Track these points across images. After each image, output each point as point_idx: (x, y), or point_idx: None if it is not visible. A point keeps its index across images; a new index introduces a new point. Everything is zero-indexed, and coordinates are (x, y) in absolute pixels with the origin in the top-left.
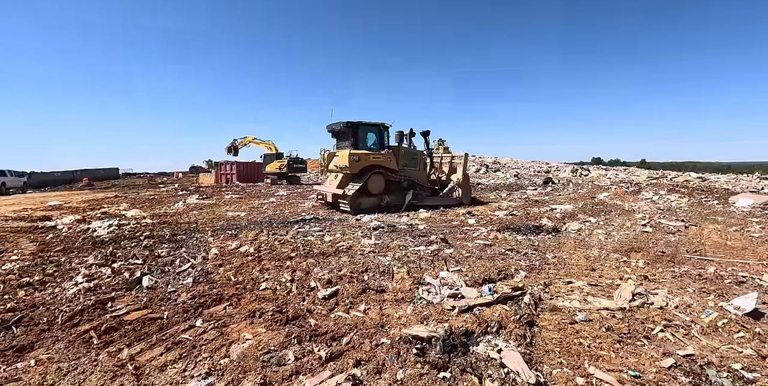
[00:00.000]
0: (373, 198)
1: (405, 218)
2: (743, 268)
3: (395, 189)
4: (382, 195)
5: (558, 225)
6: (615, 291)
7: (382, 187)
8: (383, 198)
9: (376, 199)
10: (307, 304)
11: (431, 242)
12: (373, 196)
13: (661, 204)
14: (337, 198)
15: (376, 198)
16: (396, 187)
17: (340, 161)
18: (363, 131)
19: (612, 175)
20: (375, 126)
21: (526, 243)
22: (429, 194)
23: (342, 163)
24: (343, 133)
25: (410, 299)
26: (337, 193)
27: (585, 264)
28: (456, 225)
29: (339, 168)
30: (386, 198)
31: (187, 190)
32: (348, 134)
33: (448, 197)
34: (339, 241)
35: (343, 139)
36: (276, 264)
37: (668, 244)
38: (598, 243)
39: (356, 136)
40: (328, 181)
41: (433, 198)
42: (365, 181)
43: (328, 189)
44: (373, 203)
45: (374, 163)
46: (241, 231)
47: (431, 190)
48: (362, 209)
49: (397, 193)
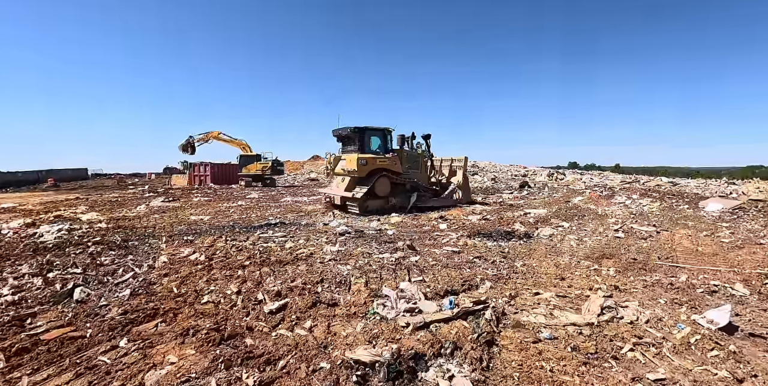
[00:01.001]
0: (380, 200)
1: (375, 222)
2: (715, 276)
3: (400, 191)
4: (388, 197)
5: (530, 231)
6: (584, 304)
7: (388, 190)
8: (389, 200)
9: (383, 201)
10: (249, 320)
11: (397, 249)
12: (380, 198)
13: (634, 209)
14: (345, 200)
15: (383, 200)
16: (401, 189)
17: (348, 165)
18: (369, 135)
19: (587, 179)
20: (380, 130)
21: (496, 250)
22: (431, 196)
23: (350, 167)
24: (349, 137)
25: (364, 314)
26: (345, 195)
27: (554, 273)
28: (427, 230)
29: (347, 171)
30: (392, 200)
31: (156, 191)
32: (354, 139)
33: (449, 198)
34: (300, 248)
35: (348, 144)
36: (227, 273)
37: (640, 250)
38: (570, 250)
39: (362, 141)
40: (334, 184)
41: (435, 200)
42: (373, 183)
43: (335, 192)
44: (380, 205)
45: (380, 167)
46: (199, 237)
47: (433, 191)
48: (370, 211)
49: (402, 195)
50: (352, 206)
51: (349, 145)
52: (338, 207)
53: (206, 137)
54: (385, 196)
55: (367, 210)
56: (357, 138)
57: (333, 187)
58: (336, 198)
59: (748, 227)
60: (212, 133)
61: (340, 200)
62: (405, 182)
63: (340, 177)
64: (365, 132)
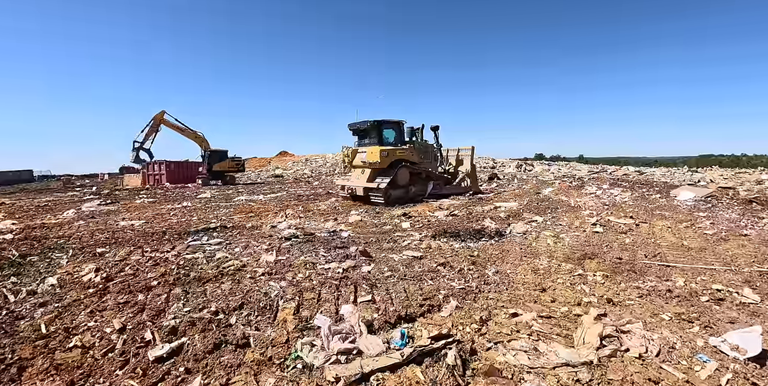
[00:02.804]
0: (401, 189)
1: (331, 223)
2: (712, 276)
3: (418, 180)
4: (408, 186)
5: (502, 228)
6: (576, 332)
7: (407, 179)
8: (410, 189)
9: (403, 190)
10: (122, 375)
11: (348, 256)
12: (401, 188)
13: (606, 199)
14: (368, 191)
15: (404, 189)
16: (418, 179)
17: (370, 157)
18: (385, 128)
19: (555, 169)
20: (395, 123)
21: (464, 253)
22: (444, 184)
23: (372, 159)
24: (365, 130)
25: (282, 359)
26: (369, 186)
27: (533, 282)
28: (387, 230)
29: (368, 163)
30: (412, 189)
31: (98, 193)
32: (372, 132)
33: (459, 186)
34: (231, 259)
35: (364, 137)
36: (123, 299)
37: (623, 247)
38: (547, 250)
39: (380, 133)
40: (354, 176)
41: (448, 188)
42: (395, 173)
43: (357, 183)
44: (401, 194)
45: (400, 158)
46: (116, 248)
47: (445, 180)
48: (393, 200)
49: (419, 184)
50: (376, 196)
51: (365, 138)
52: (358, 198)
53: (154, 126)
54: (405, 185)
55: (390, 199)
56: (375, 131)
57: (353, 179)
58: (358, 189)
59: (726, 216)
60: (156, 115)
61: (362, 191)
62: (421, 171)
63: (360, 169)
64: (382, 125)
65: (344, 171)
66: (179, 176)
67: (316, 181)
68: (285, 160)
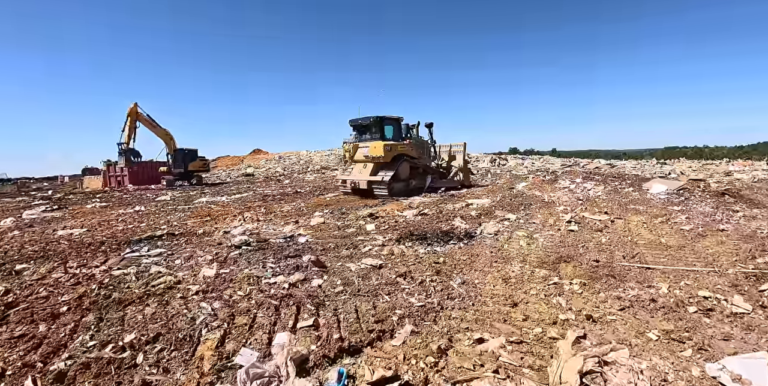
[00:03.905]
0: (403, 182)
1: (290, 226)
2: (696, 280)
3: (417, 174)
4: (409, 179)
5: (472, 228)
6: (551, 362)
7: (408, 173)
8: (410, 182)
9: (404, 184)
10: None
11: (299, 267)
12: (402, 181)
13: (580, 194)
14: (372, 184)
15: (405, 182)
16: (417, 173)
17: (373, 151)
18: (385, 124)
19: (528, 163)
20: (394, 119)
21: (429, 259)
22: (439, 178)
23: (376, 153)
24: (366, 126)
25: None
26: (373, 179)
27: (503, 294)
28: (350, 233)
29: (371, 157)
30: (412, 182)
31: (50, 198)
32: (373, 127)
33: (453, 180)
34: (164, 275)
35: (365, 132)
36: (21, 331)
37: (600, 248)
38: (520, 253)
39: (382, 129)
40: (356, 170)
41: (444, 182)
42: (397, 167)
43: (360, 177)
44: (403, 187)
45: (401, 152)
46: (37, 264)
47: (440, 174)
48: (395, 192)
49: (418, 178)
50: (380, 189)
51: (366, 134)
52: (360, 192)
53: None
54: (406, 179)
55: (393, 191)
56: (376, 126)
57: (355, 173)
58: (362, 183)
59: (700, 210)
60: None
61: (366, 184)
62: (420, 166)
63: (361, 163)
64: (383, 121)
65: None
66: (143, 177)
67: (287, 180)
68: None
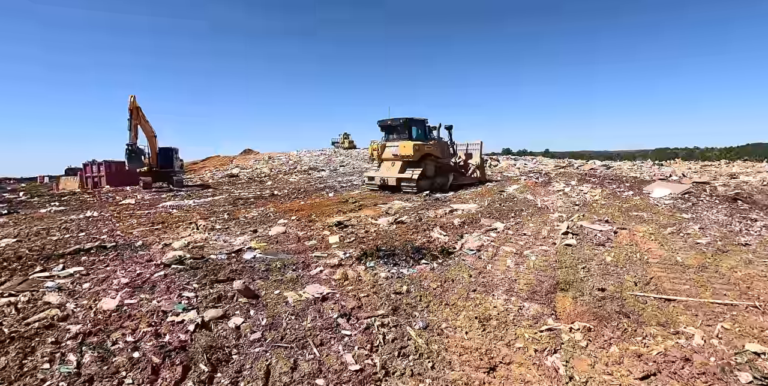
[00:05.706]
0: (428, 180)
1: (244, 237)
2: (735, 321)
3: (440, 172)
4: (434, 177)
5: (451, 242)
6: None
7: (433, 171)
8: (435, 180)
9: (430, 182)
10: None
11: (222, 297)
12: (428, 179)
13: (575, 198)
14: (401, 181)
15: (430, 180)
16: (440, 171)
17: (403, 151)
18: (412, 125)
19: (521, 164)
20: (421, 121)
21: (389, 288)
22: (458, 176)
23: (405, 152)
24: (394, 127)
25: None
26: (402, 177)
27: (478, 347)
28: (310, 246)
29: (400, 156)
30: (437, 180)
31: (8, 201)
32: (401, 128)
33: (471, 177)
34: (51, 307)
35: (392, 132)
36: None
37: (604, 270)
38: (506, 277)
39: (410, 130)
40: (383, 168)
41: (464, 179)
42: (424, 166)
43: (389, 174)
44: (429, 184)
45: (428, 152)
46: None
47: (460, 172)
48: (422, 188)
49: (441, 176)
50: (408, 185)
51: (393, 134)
52: (389, 188)
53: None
54: (431, 177)
55: (420, 188)
56: (404, 127)
57: (383, 171)
58: (390, 179)
59: (712, 218)
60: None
61: (395, 181)
62: (443, 165)
63: (390, 161)
64: (411, 122)
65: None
66: (121, 177)
67: (270, 181)
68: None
